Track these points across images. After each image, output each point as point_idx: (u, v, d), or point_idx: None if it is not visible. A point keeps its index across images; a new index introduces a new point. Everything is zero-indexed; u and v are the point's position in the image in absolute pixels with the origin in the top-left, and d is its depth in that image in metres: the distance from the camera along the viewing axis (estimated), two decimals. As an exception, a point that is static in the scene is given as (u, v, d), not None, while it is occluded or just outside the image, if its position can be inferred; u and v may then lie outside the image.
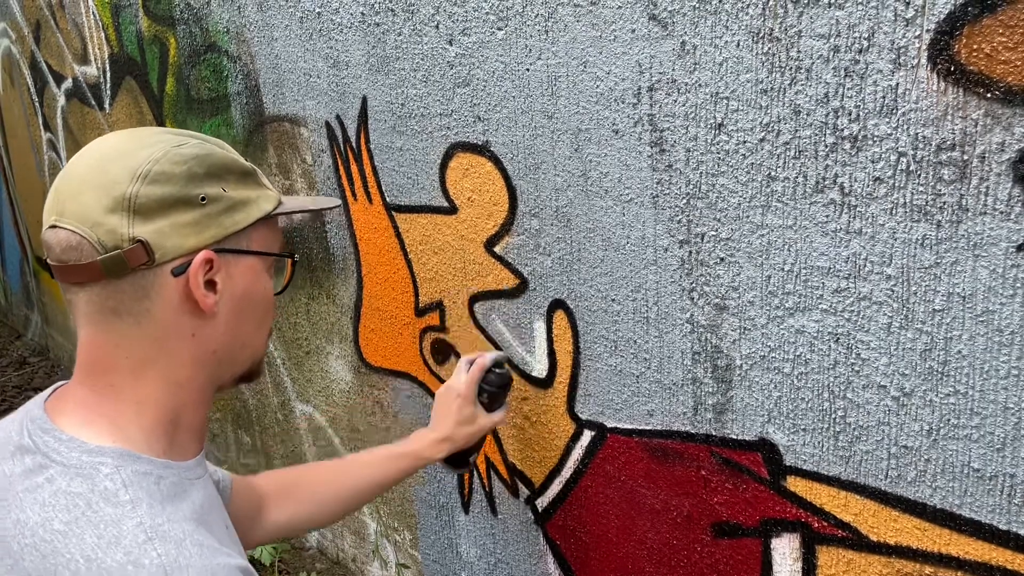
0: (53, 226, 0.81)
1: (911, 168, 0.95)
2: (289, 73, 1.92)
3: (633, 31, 1.17)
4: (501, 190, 1.46)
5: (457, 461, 1.48)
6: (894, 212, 0.98)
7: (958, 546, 1.03)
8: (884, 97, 0.95)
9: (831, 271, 1.06)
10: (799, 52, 1.01)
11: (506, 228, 1.48)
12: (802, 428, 1.16)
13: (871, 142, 0.98)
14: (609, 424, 1.43)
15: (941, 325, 0.98)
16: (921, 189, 0.95)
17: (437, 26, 1.48)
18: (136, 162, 0.81)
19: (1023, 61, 0.85)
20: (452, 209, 1.59)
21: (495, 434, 1.69)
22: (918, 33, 0.91)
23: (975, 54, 0.88)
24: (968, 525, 1.02)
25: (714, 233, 1.17)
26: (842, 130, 1.00)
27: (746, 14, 1.05)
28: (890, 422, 1.06)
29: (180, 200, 0.82)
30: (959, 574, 1.04)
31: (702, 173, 1.16)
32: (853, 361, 1.07)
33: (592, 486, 1.50)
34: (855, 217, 1.02)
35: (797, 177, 1.06)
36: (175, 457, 0.85)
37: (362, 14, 1.63)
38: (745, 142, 1.10)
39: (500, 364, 1.51)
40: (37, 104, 3.58)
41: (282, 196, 0.96)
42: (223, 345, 0.88)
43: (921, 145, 0.94)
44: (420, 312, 1.78)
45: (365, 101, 1.71)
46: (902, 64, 0.93)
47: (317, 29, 1.77)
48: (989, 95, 0.88)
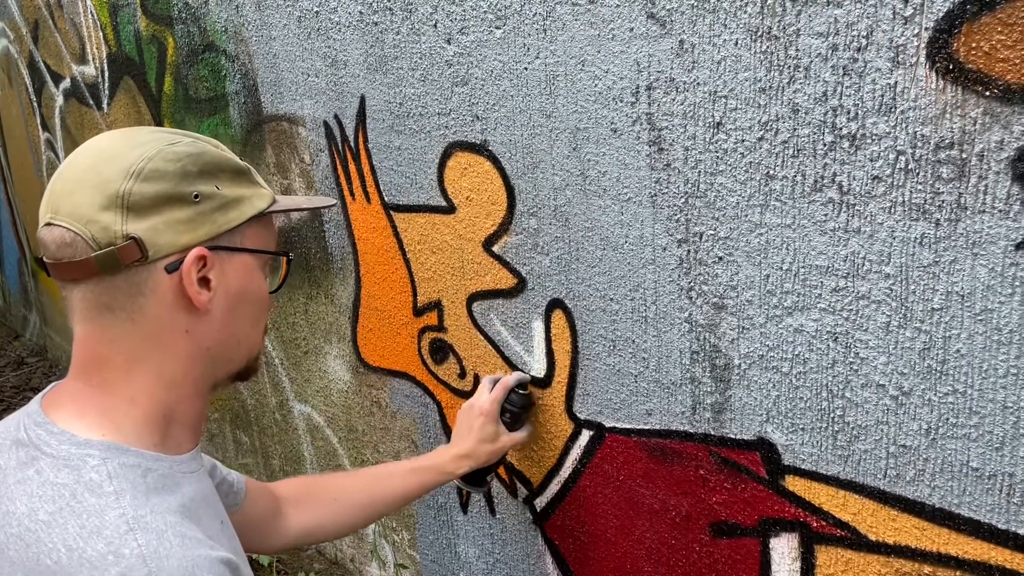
0: (48, 224, 0.82)
1: (910, 167, 0.95)
2: (287, 72, 1.91)
3: (631, 30, 1.17)
4: (499, 189, 1.46)
5: (475, 479, 1.50)
6: (893, 211, 0.98)
7: (957, 545, 1.03)
8: (883, 95, 0.95)
9: (829, 270, 1.06)
10: (797, 51, 1.01)
11: (504, 227, 1.48)
12: (801, 427, 1.15)
13: (870, 140, 0.98)
14: (607, 424, 1.43)
15: (940, 324, 0.98)
16: (920, 188, 0.95)
17: (435, 25, 1.48)
18: (129, 160, 0.81)
19: (1021, 59, 0.85)
20: (450, 208, 1.59)
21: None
22: (917, 31, 0.91)
23: (974, 52, 0.87)
24: (967, 524, 1.02)
25: (712, 232, 1.17)
26: (840, 129, 1.00)
27: (744, 12, 1.04)
28: (889, 421, 1.06)
29: (173, 197, 0.82)
30: (958, 573, 1.04)
31: (700, 172, 1.15)
32: (852, 360, 1.07)
33: (591, 486, 1.50)
34: (854, 216, 1.02)
35: (795, 176, 1.06)
36: (168, 451, 0.85)
37: (360, 13, 1.63)
38: (743, 141, 1.09)
39: (523, 385, 1.53)
40: (35, 104, 3.58)
41: (277, 195, 0.96)
42: (217, 342, 0.88)
43: (920, 143, 0.94)
44: (418, 312, 1.78)
45: (363, 100, 1.71)
46: (901, 62, 0.93)
47: (315, 28, 1.77)
48: (988, 93, 0.87)
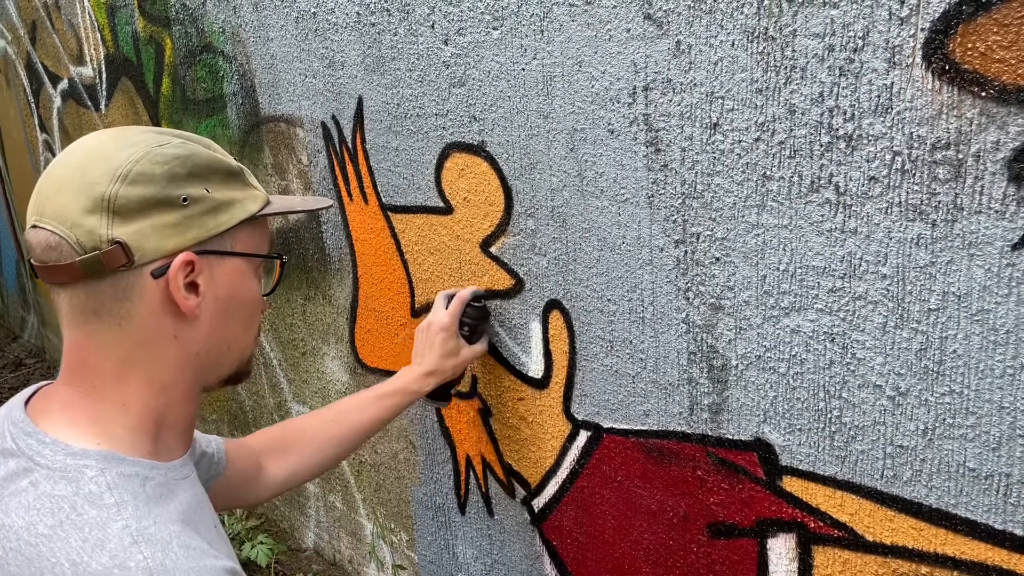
0: (34, 226, 0.80)
1: (906, 167, 0.95)
2: (285, 73, 1.91)
3: (628, 31, 1.17)
4: (497, 190, 1.46)
5: (440, 395, 1.54)
6: (889, 211, 0.98)
7: (954, 546, 1.03)
8: (879, 96, 0.95)
9: (826, 271, 1.06)
10: (794, 51, 1.01)
11: (502, 228, 1.48)
12: (798, 428, 1.15)
13: (866, 141, 0.98)
14: (605, 424, 1.43)
15: (936, 324, 0.98)
16: (916, 188, 0.95)
17: (432, 26, 1.48)
18: (116, 162, 0.80)
19: (1017, 60, 0.85)
20: (448, 209, 1.59)
21: (491, 433, 1.69)
22: (913, 32, 0.91)
23: (970, 53, 0.88)
24: (964, 525, 1.02)
25: (709, 233, 1.17)
26: (837, 129, 1.00)
27: (741, 13, 1.04)
28: (886, 422, 1.06)
29: (161, 201, 0.81)
30: (955, 574, 1.04)
31: (697, 173, 1.15)
32: (849, 361, 1.07)
33: (588, 486, 1.50)
34: (850, 216, 1.02)
35: (792, 177, 1.06)
36: (161, 457, 0.84)
37: (357, 14, 1.63)
38: (740, 142, 1.09)
39: (478, 298, 1.55)
40: (33, 105, 3.57)
41: (272, 196, 0.95)
42: (207, 347, 0.87)
43: (916, 144, 0.94)
44: (416, 313, 1.78)
45: (361, 101, 1.71)
46: (897, 63, 0.93)
47: (313, 29, 1.77)
48: (984, 94, 0.88)
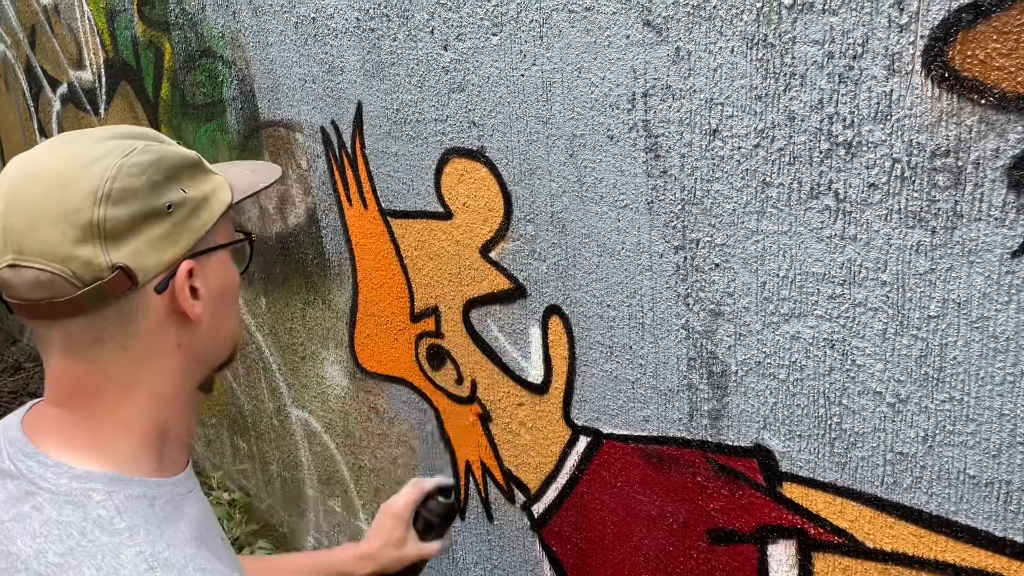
0: (13, 265, 0.74)
1: (906, 174, 0.95)
2: (284, 78, 1.91)
3: (627, 37, 1.17)
4: (496, 195, 1.46)
5: None
6: (889, 218, 0.98)
7: (954, 553, 1.03)
8: (878, 103, 0.95)
9: (826, 277, 1.06)
10: (793, 58, 1.01)
11: (501, 234, 1.48)
12: (798, 434, 1.15)
13: (865, 148, 0.98)
14: (605, 430, 1.43)
15: (936, 331, 0.98)
16: (916, 195, 0.95)
17: (432, 32, 1.48)
18: (91, 183, 0.75)
19: (1017, 67, 0.85)
20: (447, 214, 1.59)
21: (491, 440, 1.69)
22: (912, 39, 0.91)
23: (969, 60, 0.88)
24: (964, 532, 1.02)
25: (709, 239, 1.17)
26: (836, 136, 1.00)
27: (740, 20, 1.04)
28: (886, 428, 1.06)
29: (148, 214, 0.78)
30: (955, 581, 1.04)
31: (697, 179, 1.15)
32: (848, 367, 1.07)
33: (588, 492, 1.50)
34: (850, 223, 1.02)
35: (792, 183, 1.06)
36: (165, 472, 0.83)
37: (357, 19, 1.63)
38: (740, 148, 1.09)
39: (447, 491, 1.42)
40: (32, 109, 3.57)
41: (222, 169, 0.91)
42: (207, 345, 0.87)
43: (916, 151, 0.94)
44: (416, 318, 1.77)
45: (360, 106, 1.71)
46: (896, 70, 0.93)
47: (312, 34, 1.77)
48: (983, 101, 0.88)
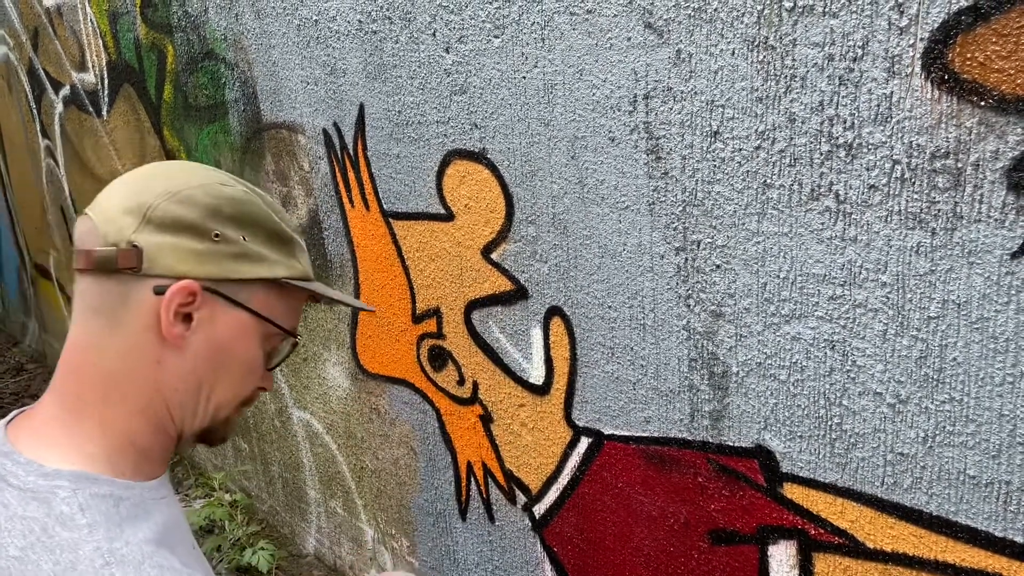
0: (85, 214, 0.83)
1: (906, 176, 0.96)
2: (286, 80, 1.92)
3: (629, 39, 1.18)
4: (498, 197, 1.47)
5: None
6: (889, 220, 0.99)
7: (954, 553, 1.04)
8: (878, 105, 0.96)
9: (826, 278, 1.06)
10: (794, 60, 1.01)
11: (503, 235, 1.49)
12: (798, 435, 1.16)
13: (866, 150, 0.98)
14: (606, 431, 1.43)
15: (936, 332, 0.98)
16: (916, 197, 0.96)
17: (434, 34, 1.48)
18: (177, 184, 0.82)
19: (1016, 70, 0.85)
20: (449, 216, 1.59)
21: (492, 440, 1.69)
22: (912, 42, 0.92)
23: (969, 63, 0.88)
24: (964, 532, 1.02)
25: (710, 240, 1.17)
26: (837, 138, 1.00)
27: (741, 23, 1.05)
28: (886, 429, 1.06)
29: (193, 227, 0.81)
30: (955, 581, 1.04)
31: (698, 181, 1.16)
32: (849, 368, 1.08)
33: (589, 493, 1.50)
34: (850, 225, 1.02)
35: (792, 185, 1.06)
36: (138, 477, 0.83)
37: (359, 22, 1.64)
38: (740, 150, 1.10)
39: None
40: (35, 111, 3.58)
41: (316, 282, 0.93)
42: (186, 387, 0.85)
43: (915, 153, 0.94)
44: (417, 319, 1.78)
45: (362, 108, 1.71)
46: (896, 72, 0.94)
47: (314, 37, 1.77)
48: (983, 103, 0.88)
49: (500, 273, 1.53)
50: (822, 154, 1.02)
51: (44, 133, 3.56)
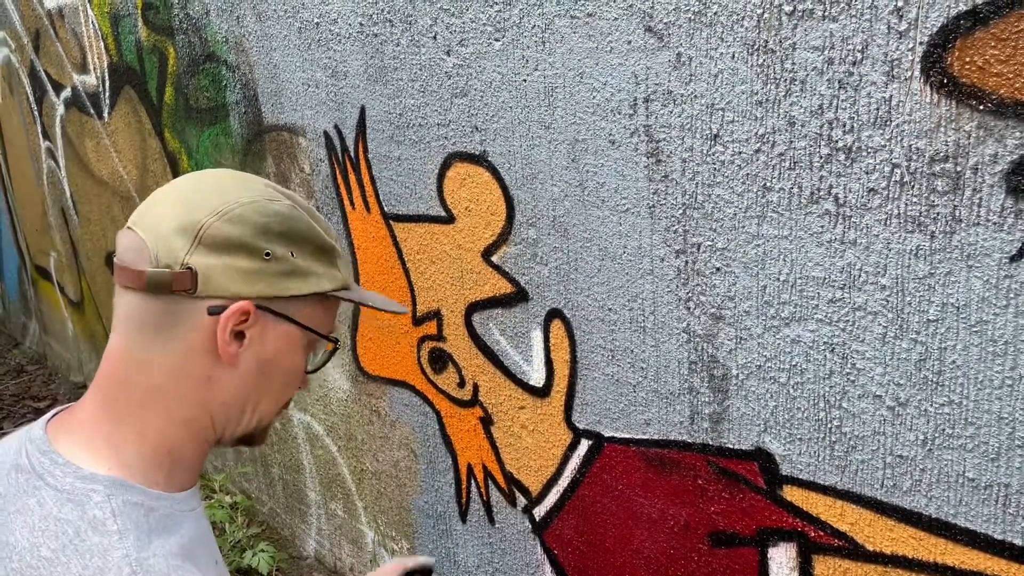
0: (129, 227, 0.83)
1: (905, 179, 0.96)
2: (287, 83, 1.92)
3: (629, 43, 1.18)
4: (498, 200, 1.47)
5: None
6: (888, 223, 0.99)
7: (953, 555, 1.04)
8: (878, 109, 0.96)
9: (826, 281, 1.07)
10: (793, 64, 1.02)
11: (503, 238, 1.49)
12: (798, 438, 1.16)
13: (865, 153, 0.98)
14: (606, 433, 1.43)
15: (935, 335, 0.99)
16: (915, 200, 0.96)
17: (435, 37, 1.49)
18: (224, 200, 0.82)
19: (1015, 74, 0.85)
20: (450, 218, 1.59)
21: (492, 442, 1.69)
22: (911, 46, 0.92)
23: (968, 67, 0.88)
24: (963, 535, 1.02)
25: (710, 243, 1.17)
26: (836, 141, 1.01)
27: (741, 26, 1.05)
28: (885, 432, 1.06)
29: (244, 246, 0.82)
30: (955, 583, 1.04)
31: (698, 184, 1.16)
32: (848, 371, 1.08)
33: (589, 495, 1.50)
34: (850, 228, 1.02)
35: (792, 188, 1.06)
36: (170, 488, 0.84)
37: (360, 25, 1.64)
38: (740, 153, 1.10)
39: (429, 571, 1.40)
40: (36, 113, 3.59)
41: (352, 282, 0.94)
42: (233, 400, 0.87)
43: (915, 156, 0.95)
44: (417, 321, 1.78)
45: (363, 111, 1.72)
46: (895, 76, 0.94)
47: (315, 39, 1.78)
48: (982, 107, 0.88)
49: (500, 275, 1.53)
50: (822, 157, 1.02)
51: (45, 135, 3.56)
